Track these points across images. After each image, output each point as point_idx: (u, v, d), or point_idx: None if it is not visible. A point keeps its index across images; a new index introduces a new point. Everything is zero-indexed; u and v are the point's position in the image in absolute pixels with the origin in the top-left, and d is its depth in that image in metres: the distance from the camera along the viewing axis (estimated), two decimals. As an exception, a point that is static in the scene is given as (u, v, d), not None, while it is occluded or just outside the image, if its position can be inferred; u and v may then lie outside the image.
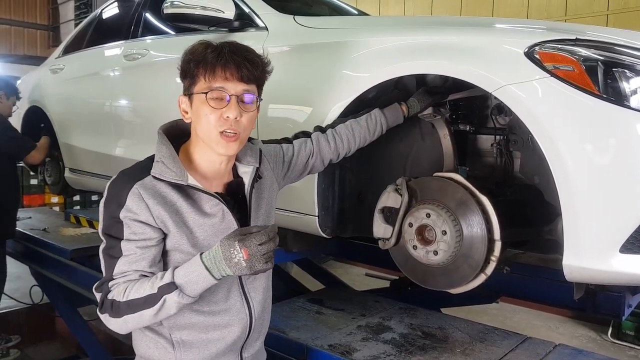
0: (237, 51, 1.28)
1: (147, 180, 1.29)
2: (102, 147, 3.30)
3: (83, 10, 11.61)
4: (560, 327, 4.88)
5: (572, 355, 1.89)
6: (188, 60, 1.29)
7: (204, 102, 1.27)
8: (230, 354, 1.41)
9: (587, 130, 1.44)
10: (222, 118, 1.26)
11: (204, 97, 1.26)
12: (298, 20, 2.23)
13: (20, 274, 3.95)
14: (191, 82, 1.30)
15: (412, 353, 1.85)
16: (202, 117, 1.28)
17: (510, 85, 1.50)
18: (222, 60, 1.25)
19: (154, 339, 1.37)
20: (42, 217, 4.36)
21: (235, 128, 1.27)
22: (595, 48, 1.48)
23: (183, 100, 1.34)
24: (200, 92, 1.27)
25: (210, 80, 1.26)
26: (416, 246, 1.74)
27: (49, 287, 3.70)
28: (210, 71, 1.26)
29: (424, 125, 1.99)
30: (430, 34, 1.82)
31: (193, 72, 1.28)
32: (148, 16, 3.20)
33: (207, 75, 1.26)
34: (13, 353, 3.93)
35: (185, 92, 1.33)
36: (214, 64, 1.25)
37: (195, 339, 1.36)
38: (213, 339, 1.37)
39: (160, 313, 1.23)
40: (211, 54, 1.26)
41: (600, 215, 1.43)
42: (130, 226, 1.27)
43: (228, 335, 1.38)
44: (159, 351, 1.37)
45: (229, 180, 1.41)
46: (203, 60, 1.26)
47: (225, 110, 1.26)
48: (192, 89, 1.30)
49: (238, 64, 1.26)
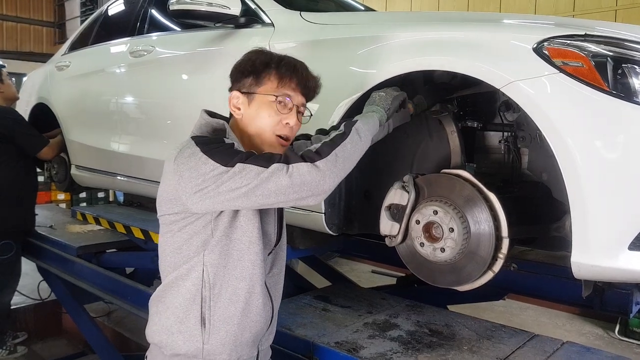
0: (305, 69, 1.43)
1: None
2: (109, 144, 3.31)
3: (89, 7, 11.63)
4: (567, 324, 4.86)
5: (579, 352, 1.88)
6: (264, 63, 1.38)
7: (270, 105, 1.36)
8: (252, 345, 1.45)
9: (596, 126, 1.42)
10: (281, 123, 1.37)
11: (272, 99, 1.35)
12: (304, 17, 2.23)
13: (27, 271, 3.97)
14: (256, 82, 1.37)
15: (419, 350, 1.84)
16: (263, 118, 1.36)
17: (519, 82, 1.49)
18: (296, 73, 1.38)
19: (180, 319, 1.36)
20: (48, 214, 4.38)
21: (290, 135, 1.40)
22: (604, 44, 1.46)
23: (238, 96, 1.39)
24: (269, 94, 1.36)
25: (282, 87, 1.36)
26: (423, 243, 1.74)
27: (55, 284, 3.71)
28: (286, 79, 1.37)
29: (432, 122, 1.98)
30: (437, 29, 1.81)
31: (264, 74, 1.37)
32: (154, 13, 3.20)
33: (281, 82, 1.37)
34: (20, 350, 3.95)
35: (243, 89, 1.38)
36: (289, 73, 1.37)
37: (228, 321, 1.36)
38: (243, 324, 1.38)
39: (356, 144, 1.35)
40: (286, 65, 1.38)
41: (609, 212, 1.41)
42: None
43: (254, 326, 1.41)
44: (182, 334, 1.35)
45: None
46: (278, 68, 1.37)
47: (286, 117, 1.37)
48: (256, 89, 1.37)
49: (307, 79, 1.41)
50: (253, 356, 1.46)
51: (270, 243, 1.44)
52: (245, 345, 1.41)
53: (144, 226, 3.07)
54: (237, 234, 1.35)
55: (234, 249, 1.35)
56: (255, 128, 1.37)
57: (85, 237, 3.53)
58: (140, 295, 2.69)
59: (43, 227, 3.81)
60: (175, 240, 1.36)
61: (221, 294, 1.35)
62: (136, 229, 3.10)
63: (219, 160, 1.23)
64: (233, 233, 1.35)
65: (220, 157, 1.23)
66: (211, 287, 1.34)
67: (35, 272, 3.94)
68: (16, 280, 3.81)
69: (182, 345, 1.36)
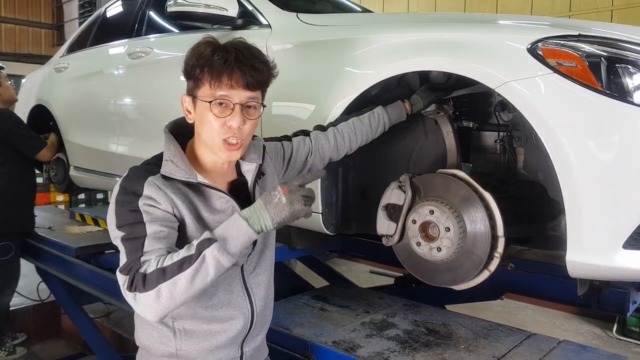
0: (243, 58, 1.25)
1: (159, 175, 1.29)
2: (107, 145, 3.32)
3: (87, 9, 11.61)
4: (565, 323, 4.87)
5: (576, 351, 1.89)
6: (193, 65, 1.27)
7: (208, 109, 1.26)
8: (231, 347, 1.42)
9: (590, 126, 1.44)
10: (225, 126, 1.26)
11: (208, 104, 1.26)
12: (301, 18, 2.24)
13: (26, 272, 3.97)
14: (195, 84, 1.29)
15: (416, 349, 1.85)
16: (205, 123, 1.28)
17: (513, 82, 1.50)
18: (228, 68, 1.24)
19: (156, 327, 1.37)
20: (47, 215, 4.38)
21: (238, 136, 1.28)
22: (598, 44, 1.47)
23: (186, 99, 1.33)
24: (205, 99, 1.26)
25: (216, 88, 1.25)
26: (420, 243, 1.75)
27: (54, 285, 3.72)
28: (216, 78, 1.25)
29: (428, 122, 1.99)
30: (433, 30, 1.82)
31: (198, 75, 1.27)
32: (152, 14, 3.21)
33: (212, 83, 1.25)
34: (19, 351, 3.95)
35: (189, 93, 1.32)
36: (220, 71, 1.24)
37: (197, 328, 1.36)
38: (214, 330, 1.37)
39: (198, 276, 1.14)
40: (218, 60, 1.24)
41: (604, 211, 1.43)
42: (150, 212, 1.23)
43: (229, 329, 1.39)
44: (160, 340, 1.37)
45: (232, 179, 1.42)
46: (209, 66, 1.25)
47: (228, 119, 1.26)
48: (196, 92, 1.29)
49: (244, 72, 1.25)
50: (236, 357, 1.44)
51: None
52: (222, 348, 1.39)
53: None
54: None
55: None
56: (204, 135, 1.29)
57: (84, 238, 3.53)
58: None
59: (42, 228, 3.82)
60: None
61: (180, 313, 1.34)
62: (135, 230, 3.10)
63: (117, 223, 1.24)
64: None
65: (118, 220, 1.25)
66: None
67: (34, 273, 3.94)
68: (15, 282, 3.81)
69: (159, 348, 1.37)
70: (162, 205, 1.25)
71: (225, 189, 1.39)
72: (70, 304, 3.61)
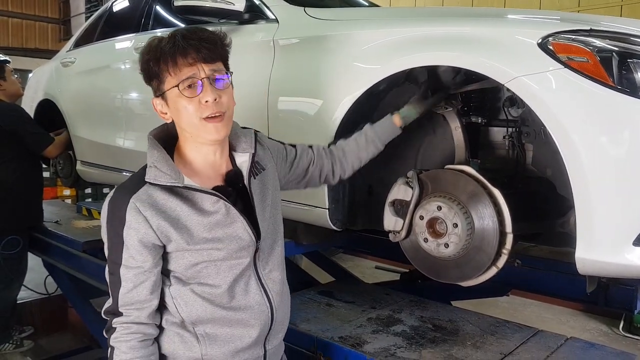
0: (190, 35, 1.25)
1: (141, 192, 1.28)
2: (114, 139, 3.32)
3: (94, 4, 11.65)
4: (572, 320, 4.85)
5: (583, 348, 1.88)
6: (147, 60, 1.27)
7: (179, 96, 1.25)
8: (255, 347, 1.41)
9: (601, 122, 1.42)
10: (201, 105, 1.25)
11: (177, 90, 1.25)
12: (309, 12, 2.23)
13: (33, 266, 3.98)
14: (159, 81, 1.28)
15: (423, 345, 1.84)
16: (181, 111, 1.26)
17: (523, 77, 1.49)
18: (179, 48, 1.23)
19: (179, 333, 1.36)
20: (54, 209, 4.39)
21: (218, 109, 1.26)
22: (609, 39, 1.46)
23: (157, 102, 1.32)
24: (172, 87, 1.25)
25: (176, 72, 1.24)
26: (427, 239, 1.74)
27: (61, 279, 3.73)
28: (172, 63, 1.24)
29: (436, 118, 1.97)
30: (441, 25, 1.80)
31: (156, 70, 1.26)
32: (159, 9, 3.21)
33: (171, 69, 1.24)
34: (27, 344, 3.97)
35: (156, 94, 1.31)
36: (173, 54, 1.23)
37: (219, 332, 1.35)
38: (237, 332, 1.36)
39: None
40: (166, 45, 1.24)
41: (614, 207, 1.41)
42: (129, 248, 1.27)
43: (252, 331, 1.38)
44: (184, 346, 1.35)
45: (227, 170, 1.39)
46: (162, 55, 1.24)
47: (202, 96, 1.24)
48: (162, 87, 1.28)
49: (196, 47, 1.24)
50: (260, 356, 1.43)
51: (247, 245, 1.36)
52: (247, 349, 1.39)
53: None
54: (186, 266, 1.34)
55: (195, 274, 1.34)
56: (184, 123, 1.28)
57: (90, 232, 3.54)
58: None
59: (49, 222, 3.83)
60: None
61: (200, 318, 1.34)
62: (141, 224, 3.11)
63: (107, 249, 1.33)
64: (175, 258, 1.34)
65: (107, 246, 1.33)
66: (189, 315, 1.34)
67: (41, 267, 3.96)
68: (23, 275, 3.83)
69: (184, 354, 1.36)
70: (142, 232, 1.27)
71: (221, 182, 1.37)
72: (77, 298, 3.62)
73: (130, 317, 1.30)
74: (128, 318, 1.30)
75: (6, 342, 3.82)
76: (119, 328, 1.31)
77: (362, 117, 1.99)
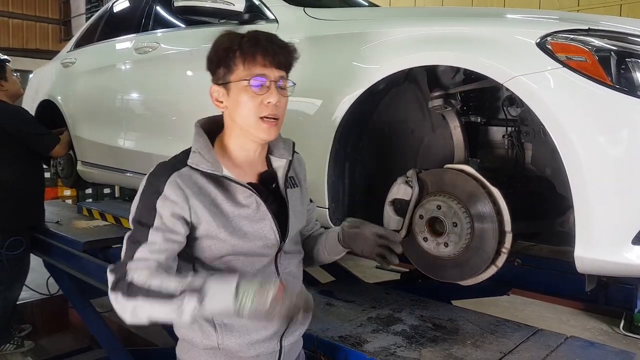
0: (272, 39, 1.32)
1: (184, 171, 1.32)
2: (114, 140, 3.33)
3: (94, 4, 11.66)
4: (572, 319, 4.85)
5: (583, 347, 1.88)
6: (225, 49, 1.31)
7: (245, 89, 1.30)
8: (271, 341, 1.43)
9: (599, 121, 1.43)
10: (262, 104, 1.30)
11: (245, 84, 1.29)
12: (308, 12, 2.23)
13: (34, 267, 3.99)
14: (227, 71, 1.32)
15: (423, 345, 1.85)
16: (241, 104, 1.31)
17: (522, 76, 1.49)
18: (261, 47, 1.29)
19: (198, 322, 1.38)
20: (55, 209, 4.39)
21: (276, 113, 1.32)
22: (608, 38, 1.46)
23: (216, 89, 1.35)
24: (241, 79, 1.30)
25: (250, 68, 1.29)
26: (427, 238, 1.74)
27: (61, 279, 3.74)
28: (250, 59, 1.29)
29: (435, 117, 1.98)
30: (440, 24, 1.81)
31: (230, 60, 1.30)
32: (159, 9, 3.21)
33: (246, 63, 1.29)
34: (28, 344, 3.97)
35: (219, 82, 1.35)
36: (254, 51, 1.28)
37: (236, 323, 1.37)
38: (254, 327, 1.38)
39: (171, 314, 1.21)
40: (248, 42, 1.29)
41: (613, 206, 1.42)
42: (162, 216, 1.28)
43: (269, 325, 1.39)
44: (202, 334, 1.38)
45: (262, 170, 1.44)
46: (240, 49, 1.29)
47: (266, 96, 1.30)
48: (229, 77, 1.32)
49: (275, 51, 1.30)
50: (275, 350, 1.45)
51: (272, 245, 1.39)
52: (262, 342, 1.41)
53: (150, 222, 3.08)
54: (212, 254, 1.36)
55: (218, 264, 1.36)
56: (239, 116, 1.33)
57: (91, 232, 3.54)
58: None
59: (50, 223, 3.84)
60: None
61: None
62: (141, 225, 3.11)
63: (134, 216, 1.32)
64: (206, 255, 1.36)
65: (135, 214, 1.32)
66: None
67: (42, 267, 3.96)
68: (25, 276, 3.83)
69: (202, 342, 1.39)
70: (178, 206, 1.28)
71: (255, 180, 1.41)
72: (77, 298, 3.63)
73: (146, 264, 1.26)
74: (145, 264, 1.26)
75: (7, 342, 3.83)
76: (131, 267, 1.25)
77: (362, 117, 1.99)
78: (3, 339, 3.81)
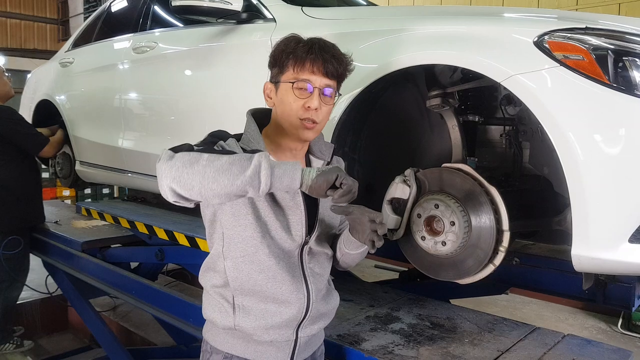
0: (325, 48, 1.40)
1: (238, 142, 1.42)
2: (112, 139, 3.33)
3: (92, 4, 11.65)
4: (570, 318, 4.87)
5: (580, 345, 1.88)
6: (281, 51, 1.40)
7: (290, 91, 1.39)
8: (286, 329, 1.47)
9: (597, 120, 1.43)
10: (304, 107, 1.38)
11: (291, 86, 1.38)
12: (306, 12, 2.23)
13: (33, 266, 3.99)
14: (279, 71, 1.41)
15: (421, 343, 1.85)
16: (285, 104, 1.39)
17: (519, 75, 1.50)
18: (311, 55, 1.37)
19: (218, 302, 1.47)
20: (53, 209, 4.40)
21: (315, 117, 1.39)
22: (605, 37, 1.46)
23: (269, 86, 1.46)
24: (288, 81, 1.39)
25: (298, 72, 1.38)
26: (424, 237, 1.75)
27: (61, 279, 3.74)
28: (299, 64, 1.38)
29: (433, 116, 1.98)
30: (438, 24, 1.81)
31: (283, 62, 1.40)
32: (156, 9, 3.21)
33: (296, 67, 1.38)
34: (27, 344, 3.98)
35: (272, 80, 1.45)
36: (303, 57, 1.37)
37: (254, 306, 1.43)
38: (270, 310, 1.44)
39: (236, 166, 1.21)
40: (302, 48, 1.38)
41: (610, 205, 1.42)
42: (221, 146, 1.36)
43: (284, 312, 1.45)
44: (221, 314, 1.46)
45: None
46: (293, 53, 1.38)
47: (307, 101, 1.38)
48: (280, 77, 1.41)
49: (325, 60, 1.38)
50: (291, 340, 1.49)
51: (300, 234, 1.45)
52: (277, 328, 1.45)
53: (148, 221, 3.09)
54: (241, 233, 1.41)
55: (245, 244, 1.41)
56: (281, 113, 1.41)
57: (90, 232, 3.55)
58: (145, 290, 2.71)
59: (49, 223, 3.84)
60: (207, 225, 1.49)
61: (242, 285, 1.43)
62: (140, 224, 3.12)
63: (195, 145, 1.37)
64: (235, 233, 1.42)
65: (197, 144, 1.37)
66: (234, 279, 1.43)
67: (42, 267, 3.97)
68: (25, 275, 3.84)
69: (221, 322, 1.46)
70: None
71: None
72: (77, 298, 3.63)
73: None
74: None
75: (7, 341, 3.83)
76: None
77: (360, 116, 2.00)
78: (3, 338, 3.81)
